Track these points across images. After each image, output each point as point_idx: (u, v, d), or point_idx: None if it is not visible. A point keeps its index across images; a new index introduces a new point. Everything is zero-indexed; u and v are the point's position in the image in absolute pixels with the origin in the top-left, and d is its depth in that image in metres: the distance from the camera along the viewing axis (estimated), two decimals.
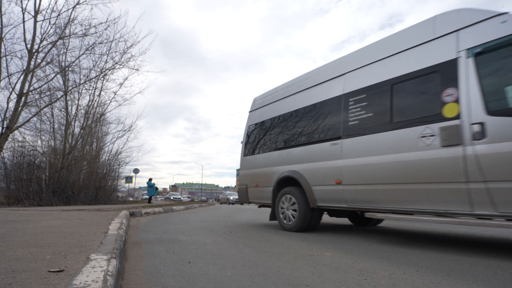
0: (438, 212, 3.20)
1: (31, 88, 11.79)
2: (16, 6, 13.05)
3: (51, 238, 2.88)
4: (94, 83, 14.29)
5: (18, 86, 11.42)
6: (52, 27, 11.87)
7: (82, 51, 12.83)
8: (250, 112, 6.62)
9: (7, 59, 11.11)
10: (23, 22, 11.19)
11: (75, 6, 11.77)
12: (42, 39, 11.69)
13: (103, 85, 14.65)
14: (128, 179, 22.44)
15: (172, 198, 45.89)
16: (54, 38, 11.99)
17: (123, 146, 19.14)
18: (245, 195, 6.14)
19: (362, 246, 3.43)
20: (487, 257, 2.90)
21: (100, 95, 15.03)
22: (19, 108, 11.43)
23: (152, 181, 18.71)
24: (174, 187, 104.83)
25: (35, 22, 11.51)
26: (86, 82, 13.90)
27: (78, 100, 14.55)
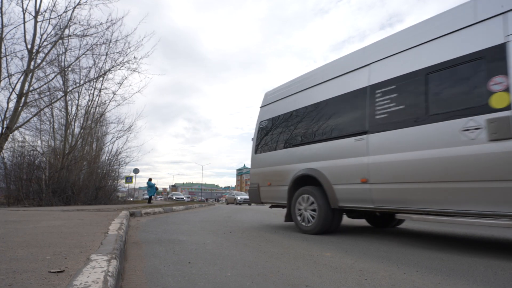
0: (483, 214, 2.91)
1: (31, 88, 11.79)
2: (17, 6, 13.09)
3: (51, 239, 2.89)
4: (94, 83, 14.30)
5: (18, 86, 11.43)
6: (53, 28, 11.88)
7: (82, 52, 12.83)
8: (261, 107, 6.24)
9: (7, 59, 11.12)
10: (24, 22, 11.19)
11: (76, 6, 11.77)
12: (43, 39, 11.70)
13: (102, 85, 14.65)
14: (128, 179, 22.45)
15: (174, 198, 44.29)
16: (55, 39, 12.00)
17: (123, 146, 19.11)
18: (256, 195, 5.79)
19: (362, 246, 3.43)
20: (487, 257, 2.90)
21: (100, 95, 15.03)
22: (19, 108, 11.43)
23: (152, 181, 18.73)
24: (174, 187, 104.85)
25: (36, 22, 11.51)
26: (86, 83, 13.91)
27: (78, 100, 14.56)
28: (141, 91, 20.89)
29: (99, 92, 14.87)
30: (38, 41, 11.64)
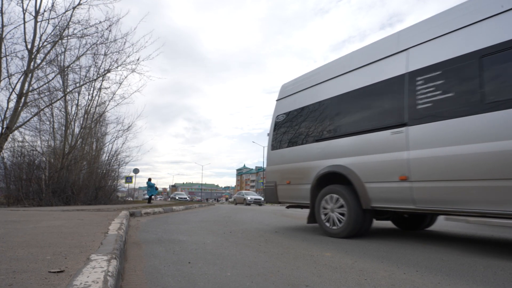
0: None
1: (30, 88, 11.79)
2: (17, 6, 13.10)
3: (51, 239, 2.89)
4: (93, 83, 14.29)
5: (18, 86, 11.42)
6: (54, 28, 11.87)
7: (82, 51, 12.83)
8: (278, 100, 5.81)
9: (7, 59, 11.11)
10: (24, 22, 11.19)
11: (76, 6, 11.76)
12: (43, 39, 11.69)
13: (101, 84, 14.65)
14: (128, 179, 22.47)
15: (177, 198, 42.24)
16: (54, 39, 11.99)
17: (122, 146, 19.09)
18: (273, 194, 5.38)
19: (362, 246, 3.43)
20: (487, 257, 2.90)
21: (99, 94, 15.03)
22: (19, 108, 11.43)
23: (152, 181, 18.74)
24: (174, 187, 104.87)
25: (36, 22, 11.51)
26: (86, 83, 13.91)
27: (78, 100, 14.56)
28: (140, 90, 20.80)
29: (99, 92, 14.89)
30: (38, 41, 11.65)
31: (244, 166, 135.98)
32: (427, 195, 3.30)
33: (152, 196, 19.10)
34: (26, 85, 11.53)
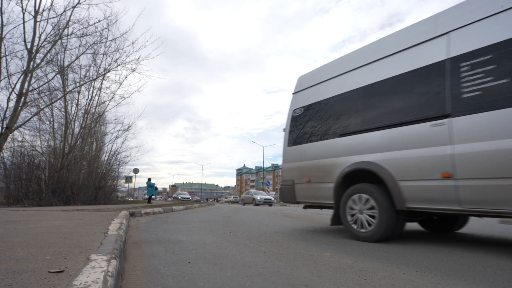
0: None
1: (30, 88, 11.79)
2: (17, 6, 13.05)
3: (51, 239, 2.89)
4: (93, 83, 14.29)
5: (18, 86, 11.42)
6: (53, 28, 11.87)
7: (81, 50, 12.83)
8: (294, 93, 5.47)
9: (7, 59, 11.11)
10: (23, 22, 11.19)
11: (75, 6, 11.76)
12: (42, 39, 11.69)
13: (101, 84, 14.66)
14: (128, 179, 22.50)
15: (180, 198, 41.23)
16: (54, 38, 11.99)
17: (121, 146, 19.10)
18: (290, 194, 5.05)
19: (361, 246, 3.44)
20: (487, 257, 2.90)
21: (99, 94, 15.04)
22: (19, 108, 11.43)
23: (152, 181, 18.75)
24: (174, 187, 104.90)
25: (35, 22, 11.51)
26: (86, 83, 13.91)
27: (78, 100, 14.57)
28: (140, 90, 20.88)
29: (99, 92, 14.89)
30: (37, 40, 11.65)
31: (244, 166, 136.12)
32: (476, 194, 2.95)
33: (152, 196, 19.12)
34: (26, 84, 11.53)
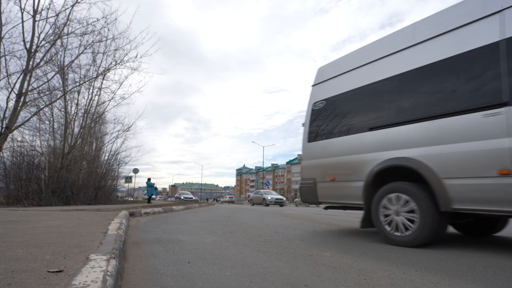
0: None
1: (30, 88, 11.78)
2: (15, 5, 13.07)
3: (50, 238, 2.88)
4: (93, 82, 14.29)
5: (18, 85, 11.41)
6: (52, 27, 11.86)
7: (81, 50, 12.82)
8: (314, 86, 5.09)
9: (6, 59, 11.10)
10: (22, 22, 11.17)
11: (74, 4, 11.75)
12: (41, 39, 11.68)
13: (102, 84, 14.65)
14: (128, 179, 22.52)
15: (182, 198, 39.92)
16: (53, 38, 11.99)
17: (121, 146, 19.08)
18: (311, 193, 4.66)
19: (361, 246, 3.44)
20: (486, 256, 2.90)
21: (99, 94, 15.03)
22: (18, 107, 11.42)
23: (151, 180, 18.75)
24: (174, 187, 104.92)
25: (34, 21, 11.49)
26: (85, 82, 13.91)
27: (77, 100, 14.57)
28: (140, 90, 20.89)
29: (99, 92, 14.88)
30: (36, 40, 11.64)
31: (244, 166, 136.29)
32: None
33: (152, 196, 19.13)
34: (26, 84, 11.52)
